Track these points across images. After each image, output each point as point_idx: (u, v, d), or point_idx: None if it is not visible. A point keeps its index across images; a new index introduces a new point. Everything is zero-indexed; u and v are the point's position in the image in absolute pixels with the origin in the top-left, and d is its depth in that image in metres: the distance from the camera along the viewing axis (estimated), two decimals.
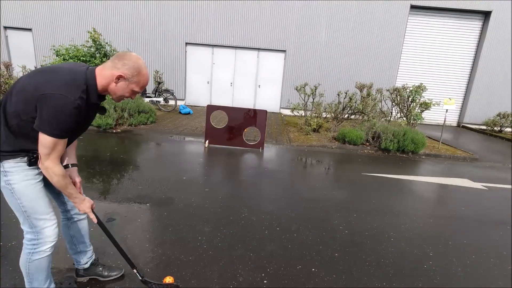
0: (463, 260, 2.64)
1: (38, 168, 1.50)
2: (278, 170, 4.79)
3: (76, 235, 1.87)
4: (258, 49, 11.02)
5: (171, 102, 9.92)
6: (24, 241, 1.57)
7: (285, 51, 10.98)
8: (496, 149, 7.99)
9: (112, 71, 1.45)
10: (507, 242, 3.04)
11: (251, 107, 11.40)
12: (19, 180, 1.45)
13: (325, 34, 10.78)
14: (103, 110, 1.61)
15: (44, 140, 1.35)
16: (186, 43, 10.95)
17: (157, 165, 4.53)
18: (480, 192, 4.51)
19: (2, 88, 7.88)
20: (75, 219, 1.84)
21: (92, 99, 1.46)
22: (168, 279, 2.00)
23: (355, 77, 11.00)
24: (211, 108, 5.93)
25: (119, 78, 1.46)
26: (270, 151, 5.93)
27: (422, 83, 7.73)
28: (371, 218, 3.32)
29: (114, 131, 6.45)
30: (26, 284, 1.64)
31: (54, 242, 1.60)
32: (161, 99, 9.60)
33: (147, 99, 9.11)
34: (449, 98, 6.97)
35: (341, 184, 4.39)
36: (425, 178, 4.97)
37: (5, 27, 10.66)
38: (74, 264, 2.00)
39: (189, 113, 9.47)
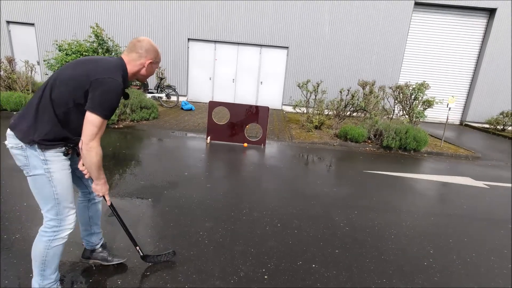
0: (464, 258, 2.64)
1: (70, 158, 1.68)
2: (280, 166, 4.80)
3: (93, 216, 2.00)
4: (261, 45, 10.98)
5: (173, 98, 9.92)
6: (43, 228, 1.64)
7: (287, 47, 10.94)
8: (499, 148, 7.96)
9: (141, 60, 1.70)
10: (508, 241, 3.04)
11: (253, 103, 11.38)
12: (57, 169, 1.58)
13: (328, 31, 10.72)
14: (127, 96, 1.76)
15: (95, 120, 1.50)
16: (189, 39, 10.92)
17: (159, 160, 4.55)
18: (482, 190, 4.50)
19: (6, 82, 7.90)
20: (95, 201, 1.98)
21: (125, 85, 1.65)
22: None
23: (357, 74, 10.95)
24: (213, 104, 5.93)
25: (150, 64, 1.74)
26: (271, 148, 5.94)
27: (425, 81, 7.69)
28: (372, 215, 3.33)
29: (116, 126, 6.47)
30: (38, 273, 1.67)
31: (72, 230, 1.71)
32: (163, 95, 9.60)
33: (149, 95, 9.12)
34: (452, 96, 6.94)
35: (342, 181, 4.39)
36: (427, 176, 4.97)
37: (8, 22, 10.66)
38: (83, 244, 2.09)
39: (191, 109, 9.48)
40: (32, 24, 10.67)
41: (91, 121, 1.50)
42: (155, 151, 5.08)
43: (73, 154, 1.70)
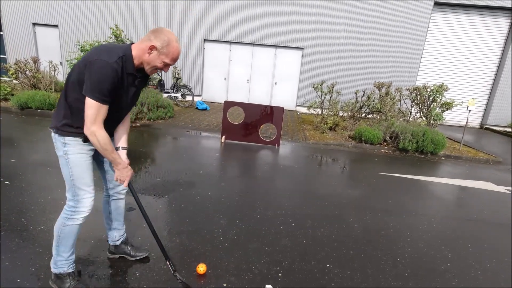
0: (483, 264, 2.57)
1: (91, 144, 1.69)
2: (294, 167, 4.80)
3: (113, 212, 2.07)
4: (276, 46, 10.99)
5: (189, 98, 10.07)
6: (65, 207, 1.76)
7: (302, 48, 10.90)
8: None
9: (146, 43, 1.61)
10: None
11: (267, 104, 11.39)
12: (74, 152, 1.67)
13: (344, 32, 10.62)
14: (145, 81, 1.80)
15: (89, 103, 1.51)
16: (204, 40, 11.06)
17: (175, 159, 4.64)
18: (503, 196, 4.36)
19: (31, 81, 8.25)
20: (115, 198, 2.04)
21: (128, 69, 1.61)
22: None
23: (374, 76, 10.78)
24: (228, 104, 5.99)
25: (151, 49, 1.60)
26: (285, 148, 5.94)
27: (443, 83, 7.50)
28: (388, 217, 3.28)
29: (134, 125, 6.63)
30: (54, 247, 1.78)
31: (87, 213, 1.77)
32: (179, 95, 9.77)
33: (165, 95, 9.29)
34: (472, 98, 6.74)
35: (357, 182, 4.35)
36: (445, 180, 4.85)
37: (34, 24, 11.13)
38: (107, 241, 2.17)
39: (205, 109, 9.59)
40: (56, 26, 11.09)
41: (88, 104, 1.51)
42: (171, 149, 5.19)
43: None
